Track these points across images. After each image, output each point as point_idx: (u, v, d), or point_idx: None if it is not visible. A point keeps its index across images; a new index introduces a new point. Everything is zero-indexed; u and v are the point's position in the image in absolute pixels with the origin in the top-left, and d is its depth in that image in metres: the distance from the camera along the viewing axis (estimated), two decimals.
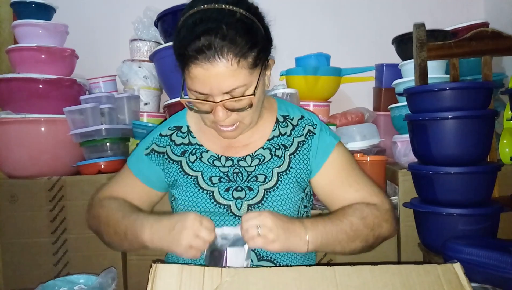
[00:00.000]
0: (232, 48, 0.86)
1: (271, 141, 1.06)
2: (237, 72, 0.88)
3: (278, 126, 1.09)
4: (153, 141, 1.10)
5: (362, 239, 0.98)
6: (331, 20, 2.09)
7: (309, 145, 1.06)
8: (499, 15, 1.95)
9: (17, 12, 1.72)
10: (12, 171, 1.61)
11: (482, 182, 1.28)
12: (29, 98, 1.60)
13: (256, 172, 1.02)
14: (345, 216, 0.98)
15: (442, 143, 1.26)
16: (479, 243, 1.08)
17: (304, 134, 1.08)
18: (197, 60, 0.86)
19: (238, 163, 1.04)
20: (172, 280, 0.64)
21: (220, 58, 0.85)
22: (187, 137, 1.09)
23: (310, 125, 1.09)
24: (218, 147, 1.07)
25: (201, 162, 1.05)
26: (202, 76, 0.87)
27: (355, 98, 2.07)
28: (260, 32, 0.93)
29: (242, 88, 0.90)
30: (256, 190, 1.00)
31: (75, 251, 1.54)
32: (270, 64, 1.01)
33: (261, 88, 0.97)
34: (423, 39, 1.43)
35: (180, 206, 1.03)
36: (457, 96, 1.24)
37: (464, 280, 0.64)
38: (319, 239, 0.92)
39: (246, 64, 0.89)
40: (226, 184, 1.01)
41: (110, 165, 1.61)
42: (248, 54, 0.88)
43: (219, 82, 0.87)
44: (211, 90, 0.89)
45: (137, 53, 1.90)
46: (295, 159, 1.05)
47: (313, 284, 0.64)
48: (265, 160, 1.04)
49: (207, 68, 0.86)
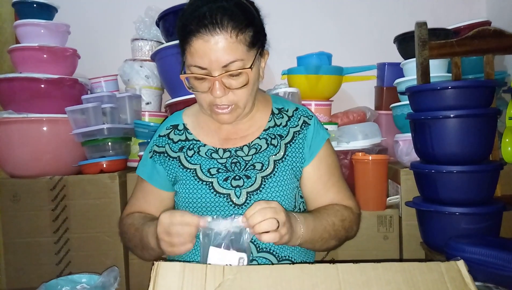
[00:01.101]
0: (232, 22, 0.92)
1: (267, 132, 1.09)
2: (235, 45, 0.93)
3: (274, 117, 1.12)
4: (154, 143, 1.14)
5: (338, 238, 1.05)
6: (332, 19, 2.09)
7: (304, 135, 1.10)
8: (500, 13, 1.95)
9: (18, 11, 1.72)
10: (14, 171, 1.61)
11: (484, 180, 1.27)
12: (31, 98, 1.60)
13: (253, 161, 1.05)
14: (329, 216, 1.03)
15: (444, 142, 1.26)
16: (481, 242, 1.08)
17: (299, 124, 1.11)
18: (199, 33, 0.92)
19: (235, 153, 1.07)
20: (174, 278, 0.64)
21: (220, 30, 0.91)
22: (184, 134, 1.12)
23: (305, 116, 1.12)
24: (215, 140, 1.10)
25: (199, 156, 1.07)
26: (202, 48, 0.92)
27: (357, 97, 2.07)
28: (256, 17, 0.99)
29: (239, 62, 0.94)
30: (254, 178, 1.03)
31: (77, 250, 1.55)
32: (265, 54, 1.06)
33: (256, 71, 1.01)
34: (425, 38, 1.43)
35: (182, 199, 1.06)
36: (459, 94, 1.24)
37: (467, 277, 0.64)
38: (309, 235, 0.96)
39: (243, 39, 0.94)
40: (224, 174, 1.04)
41: (112, 164, 1.61)
42: (246, 30, 0.94)
43: (218, 54, 0.92)
44: (210, 64, 0.93)
45: (139, 52, 1.90)
46: (291, 148, 1.08)
47: (316, 282, 0.63)
48: (262, 149, 1.07)
49: (208, 39, 0.91)
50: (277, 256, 1.02)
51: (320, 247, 1.03)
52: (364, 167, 1.49)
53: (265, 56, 1.06)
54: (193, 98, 1.59)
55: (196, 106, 1.16)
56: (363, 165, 1.49)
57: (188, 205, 1.04)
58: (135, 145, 1.78)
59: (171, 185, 1.11)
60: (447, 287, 0.63)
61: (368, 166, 1.48)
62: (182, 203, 1.06)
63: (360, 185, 1.51)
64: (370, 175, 1.48)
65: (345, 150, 1.64)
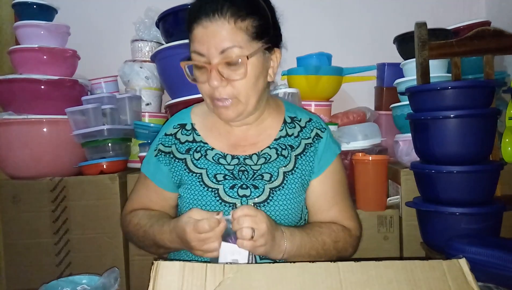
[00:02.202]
0: (231, 9, 0.93)
1: (277, 141, 1.07)
2: (234, 31, 0.93)
3: (286, 127, 1.09)
4: (159, 142, 1.11)
5: (327, 258, 1.00)
6: (332, 19, 2.09)
7: (316, 148, 1.07)
8: (500, 14, 1.95)
9: (18, 13, 1.72)
10: (14, 172, 1.61)
11: (484, 181, 1.27)
12: (31, 99, 1.60)
13: (261, 171, 1.03)
14: (321, 235, 1.00)
15: (444, 142, 1.26)
16: (482, 242, 1.08)
17: (312, 136, 1.09)
18: (200, 20, 0.94)
19: (244, 161, 1.04)
20: (174, 277, 0.64)
21: (219, 16, 0.92)
22: (191, 134, 1.09)
23: (318, 129, 1.10)
24: (224, 145, 1.07)
25: (206, 160, 1.05)
26: (201, 34, 0.94)
27: (356, 98, 2.07)
28: (262, 8, 0.99)
29: (237, 49, 0.93)
30: (262, 189, 1.00)
31: (77, 251, 1.55)
32: (276, 53, 1.03)
33: (259, 65, 0.98)
34: (425, 38, 1.43)
35: (186, 204, 1.03)
36: (459, 95, 1.24)
37: (469, 275, 0.63)
38: (293, 250, 0.94)
39: (244, 27, 0.94)
40: (231, 182, 1.01)
41: (112, 165, 1.61)
42: (247, 19, 0.94)
43: (216, 40, 0.93)
44: (208, 49, 0.93)
45: (139, 53, 1.90)
46: (301, 160, 1.06)
47: (317, 280, 0.63)
48: (271, 159, 1.04)
49: (206, 25, 0.93)
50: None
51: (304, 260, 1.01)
52: (364, 167, 1.48)
53: (275, 54, 1.03)
54: (193, 99, 1.60)
55: (205, 106, 1.11)
56: (363, 165, 1.49)
57: None
58: (135, 146, 1.77)
59: (175, 186, 1.08)
60: (448, 285, 0.63)
61: (368, 166, 1.48)
62: (186, 208, 1.03)
63: (360, 185, 1.51)
64: (370, 175, 1.48)
65: (345, 151, 1.63)
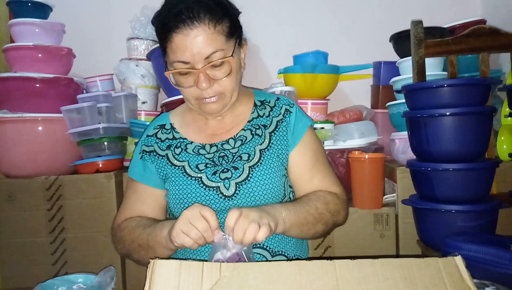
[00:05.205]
0: (208, 14, 0.96)
1: (251, 123, 1.12)
2: (214, 36, 0.96)
3: (256, 109, 1.14)
4: (142, 143, 1.15)
5: (324, 222, 1.04)
6: (328, 18, 2.09)
7: (287, 122, 1.12)
8: (496, 12, 1.96)
9: (13, 10, 1.71)
10: (9, 171, 1.60)
11: (480, 178, 1.28)
12: (26, 97, 1.59)
13: (240, 152, 1.07)
14: (311, 201, 1.04)
15: (440, 140, 1.26)
16: (477, 240, 1.08)
17: (282, 112, 1.13)
18: (178, 28, 0.95)
19: (222, 147, 1.09)
20: (170, 275, 0.64)
21: (199, 22, 0.95)
22: (171, 133, 1.14)
23: (287, 105, 1.15)
24: (202, 137, 1.11)
25: (187, 153, 1.09)
26: (183, 42, 0.95)
27: (353, 96, 2.06)
28: (230, 8, 1.03)
29: (220, 52, 0.97)
30: (241, 168, 1.04)
31: (73, 250, 1.54)
32: (244, 45, 1.09)
33: (238, 60, 1.04)
34: (421, 36, 1.43)
35: (172, 197, 1.06)
36: (455, 93, 1.24)
37: (465, 273, 0.64)
38: (292, 217, 0.96)
39: (221, 30, 0.98)
40: (212, 169, 1.05)
41: (108, 164, 1.60)
42: (223, 21, 0.98)
43: (199, 46, 0.95)
44: (192, 57, 0.96)
45: (135, 51, 1.90)
46: (275, 136, 1.10)
47: (313, 278, 0.63)
48: (247, 140, 1.09)
49: (187, 33, 0.95)
50: (271, 251, 1.02)
51: (308, 231, 1.02)
52: (360, 165, 1.49)
53: (243, 47, 1.09)
54: None
55: (182, 107, 1.19)
56: (359, 163, 1.49)
57: (179, 201, 1.04)
58: (131, 144, 1.77)
59: (162, 182, 1.11)
60: (444, 282, 0.63)
61: (364, 164, 1.48)
62: (173, 200, 1.06)
63: (357, 183, 1.51)
64: (367, 173, 1.48)
65: (341, 149, 1.63)
